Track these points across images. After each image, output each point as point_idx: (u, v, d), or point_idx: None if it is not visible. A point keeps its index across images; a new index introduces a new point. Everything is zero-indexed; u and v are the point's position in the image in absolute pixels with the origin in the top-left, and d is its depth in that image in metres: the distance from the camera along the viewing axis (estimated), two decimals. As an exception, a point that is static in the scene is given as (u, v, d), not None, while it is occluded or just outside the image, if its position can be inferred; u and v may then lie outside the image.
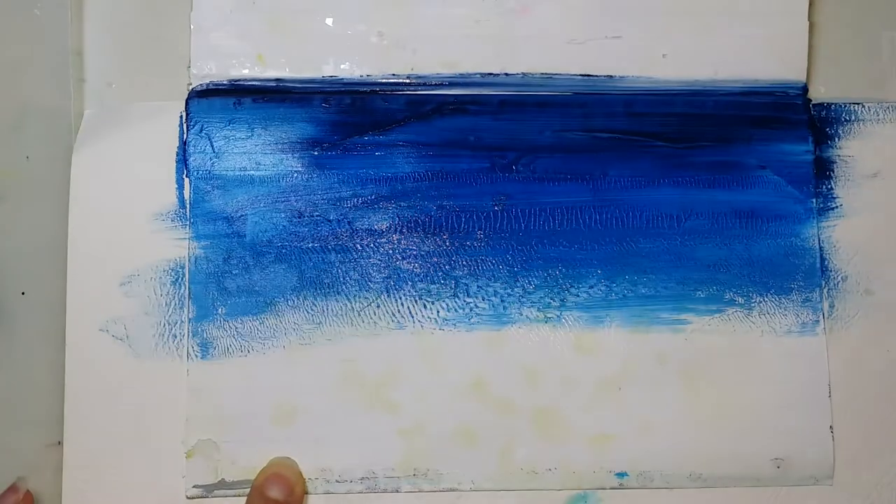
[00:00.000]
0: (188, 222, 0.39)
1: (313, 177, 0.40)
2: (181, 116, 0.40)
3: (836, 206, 0.41)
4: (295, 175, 0.40)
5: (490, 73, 0.41)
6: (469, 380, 0.39)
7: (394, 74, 0.40)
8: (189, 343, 0.39)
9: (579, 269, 0.40)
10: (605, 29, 0.41)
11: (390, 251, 0.40)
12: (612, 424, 0.39)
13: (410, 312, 0.39)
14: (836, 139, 0.42)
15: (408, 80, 0.40)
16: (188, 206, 0.39)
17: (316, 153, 0.40)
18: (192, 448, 0.38)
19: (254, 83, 0.40)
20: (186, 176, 0.40)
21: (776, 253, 0.41)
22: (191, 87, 0.40)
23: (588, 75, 0.41)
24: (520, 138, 0.40)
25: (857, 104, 0.42)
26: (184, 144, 0.40)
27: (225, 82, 0.40)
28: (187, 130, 0.40)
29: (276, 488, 0.37)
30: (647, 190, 0.40)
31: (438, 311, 0.39)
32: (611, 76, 0.41)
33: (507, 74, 0.41)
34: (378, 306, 0.39)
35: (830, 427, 0.40)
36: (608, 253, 0.40)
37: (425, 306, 0.39)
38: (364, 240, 0.40)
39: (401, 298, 0.39)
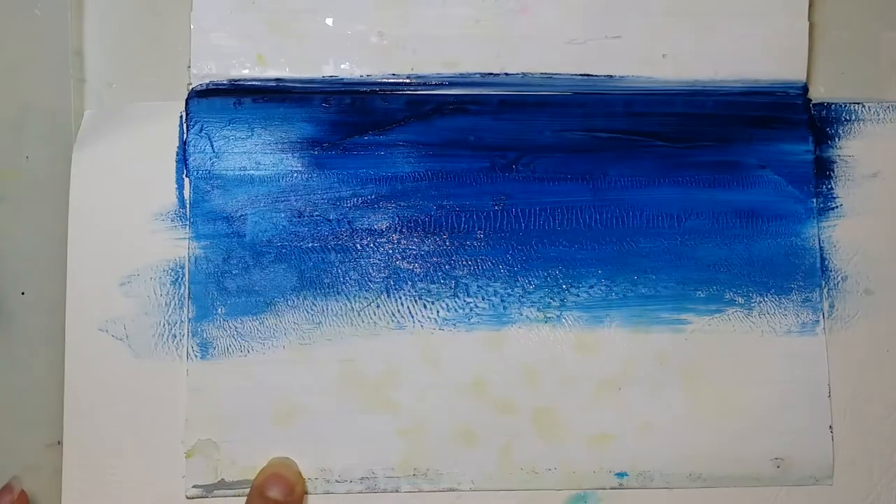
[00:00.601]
0: (188, 222, 0.39)
1: (313, 177, 0.40)
2: (181, 116, 0.40)
3: (836, 206, 0.41)
4: (295, 175, 0.40)
5: (490, 73, 0.41)
6: (469, 380, 0.39)
7: (394, 74, 0.40)
8: (189, 343, 0.39)
9: (579, 268, 0.40)
10: (605, 29, 0.41)
11: (390, 251, 0.40)
12: (612, 424, 0.39)
13: (410, 312, 0.39)
14: (836, 139, 0.42)
15: (408, 80, 0.40)
16: (188, 205, 0.39)
17: (316, 153, 0.40)
18: (191, 448, 0.38)
19: (254, 83, 0.40)
20: (186, 176, 0.40)
21: (776, 253, 0.40)
22: (191, 87, 0.40)
23: (588, 75, 0.41)
24: (520, 138, 0.40)
25: (857, 104, 0.42)
26: (184, 144, 0.40)
27: (225, 82, 0.40)
28: (187, 130, 0.40)
29: (275, 488, 0.37)
30: (647, 190, 0.40)
31: (438, 311, 0.39)
32: (611, 76, 0.41)
33: (507, 74, 0.41)
34: (378, 306, 0.39)
35: (830, 427, 0.40)
36: (608, 253, 0.40)
37: (425, 306, 0.39)
38: (364, 240, 0.40)
39: (401, 298, 0.39)
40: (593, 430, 0.39)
